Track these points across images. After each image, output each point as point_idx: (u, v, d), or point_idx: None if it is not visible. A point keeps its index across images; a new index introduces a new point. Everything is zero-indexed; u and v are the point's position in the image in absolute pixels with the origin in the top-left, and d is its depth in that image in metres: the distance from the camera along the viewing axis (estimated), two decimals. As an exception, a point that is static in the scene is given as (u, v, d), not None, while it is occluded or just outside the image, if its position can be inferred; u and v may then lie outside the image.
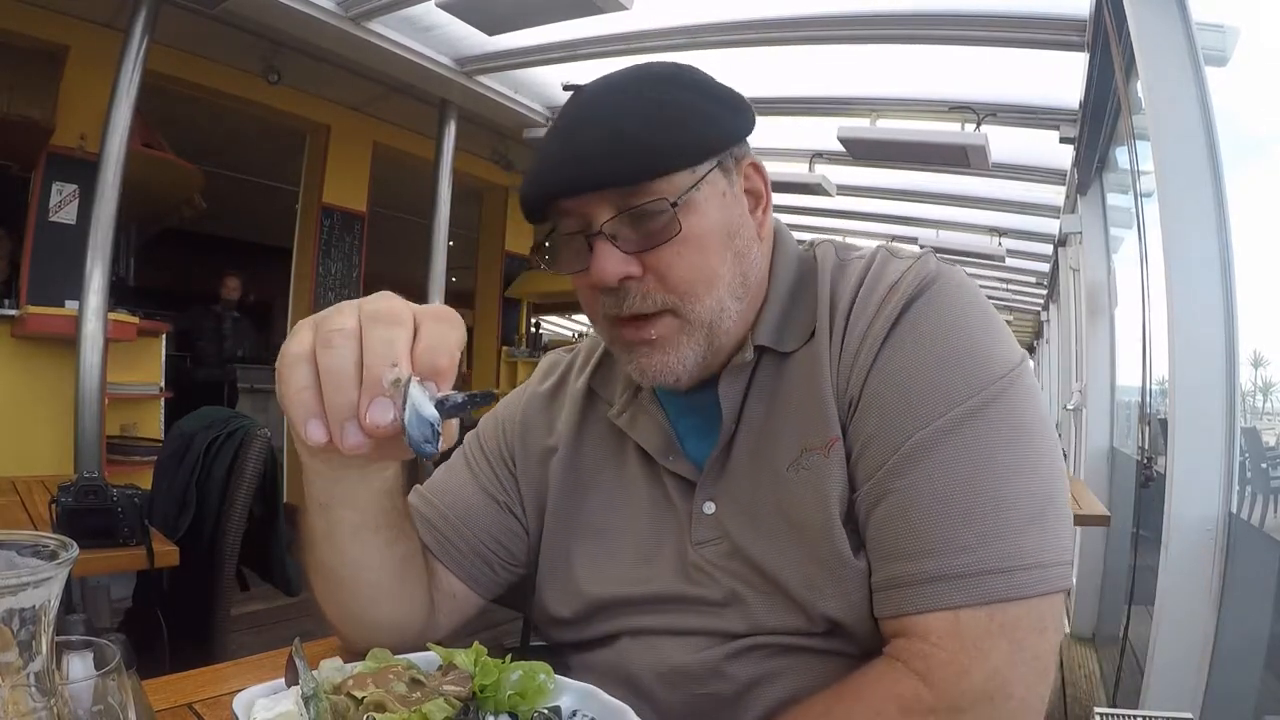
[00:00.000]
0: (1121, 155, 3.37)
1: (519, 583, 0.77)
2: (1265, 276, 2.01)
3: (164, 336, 3.98)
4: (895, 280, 0.61)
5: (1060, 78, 2.99)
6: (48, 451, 3.29)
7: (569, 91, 0.69)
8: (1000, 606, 0.52)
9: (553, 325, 11.14)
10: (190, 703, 0.60)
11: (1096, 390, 3.83)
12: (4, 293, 3.52)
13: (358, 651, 0.55)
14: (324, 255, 4.90)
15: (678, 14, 3.15)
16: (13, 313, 3.33)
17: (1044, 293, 7.12)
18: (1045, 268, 6.29)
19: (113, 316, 3.12)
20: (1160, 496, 1.78)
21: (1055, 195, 4.35)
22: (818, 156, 4.13)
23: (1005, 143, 3.45)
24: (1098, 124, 3.13)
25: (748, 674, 0.61)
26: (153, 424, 3.81)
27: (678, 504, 0.68)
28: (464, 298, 6.74)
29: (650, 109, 0.61)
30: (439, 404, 0.42)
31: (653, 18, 3.13)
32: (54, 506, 1.47)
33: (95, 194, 2.97)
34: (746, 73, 3.09)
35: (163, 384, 3.91)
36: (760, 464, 0.64)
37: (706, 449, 0.67)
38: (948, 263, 0.64)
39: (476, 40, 3.48)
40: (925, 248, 0.65)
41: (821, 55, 3.23)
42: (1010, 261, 5.98)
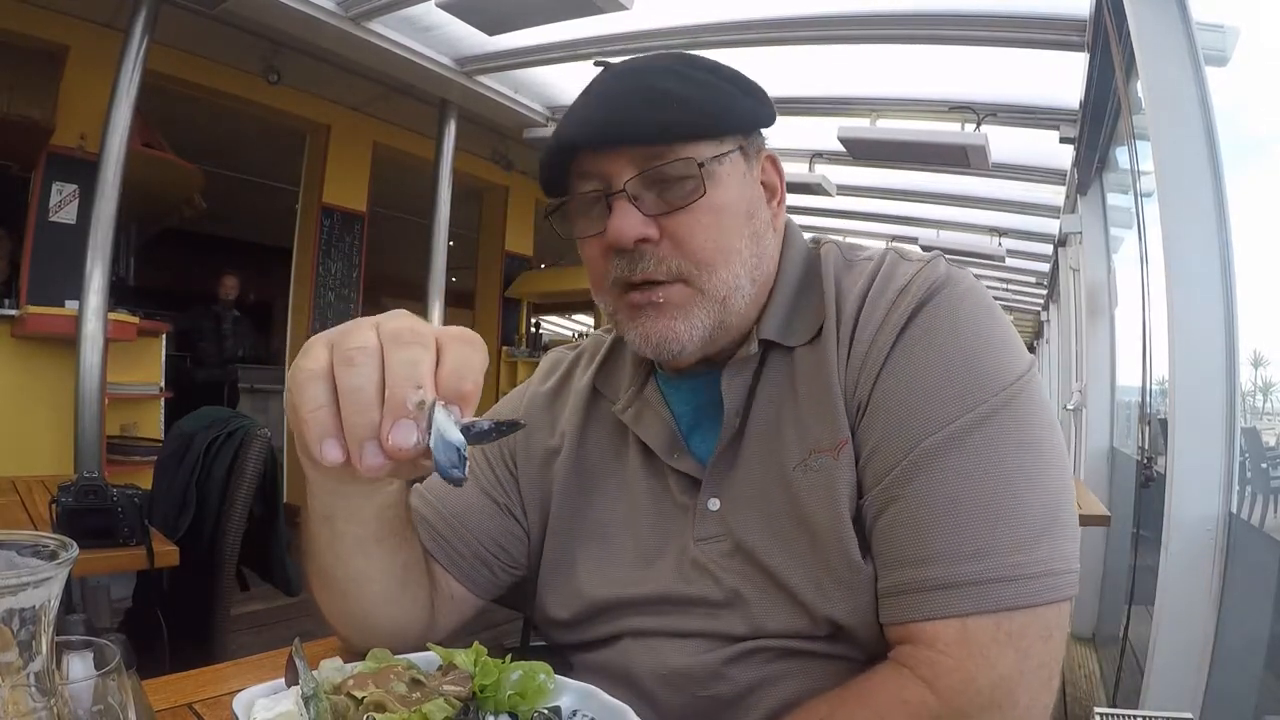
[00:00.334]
0: (1121, 155, 3.37)
1: (518, 583, 0.77)
2: (1265, 276, 2.01)
3: (164, 336, 3.98)
4: (904, 284, 0.60)
5: (1060, 78, 2.99)
6: (48, 451, 3.29)
7: (599, 67, 0.69)
8: (1007, 615, 0.51)
9: (553, 325, 11.13)
10: (190, 703, 0.60)
11: (1096, 390, 3.83)
12: (4, 293, 3.52)
13: (358, 652, 0.55)
14: (324, 255, 4.90)
15: (678, 14, 3.15)
16: (13, 313, 3.33)
17: (1044, 293, 7.12)
18: (1045, 268, 6.29)
19: (113, 316, 3.12)
20: (1160, 496, 1.77)
21: (1055, 195, 4.35)
22: (818, 156, 4.13)
23: (1005, 143, 3.44)
24: (1098, 124, 3.13)
25: (748, 677, 0.61)
26: (153, 424, 3.81)
27: (681, 501, 0.67)
28: (464, 298, 6.74)
29: (682, 80, 0.63)
30: (465, 430, 0.41)
31: (653, 18, 3.13)
32: (54, 506, 1.47)
33: (95, 194, 2.97)
34: (747, 72, 3.09)
35: (163, 384, 3.91)
36: (767, 462, 0.63)
37: (711, 445, 0.67)
38: (957, 265, 0.64)
39: (476, 40, 3.48)
40: (935, 251, 0.65)
41: (821, 55, 3.22)
42: (1010, 261, 5.97)
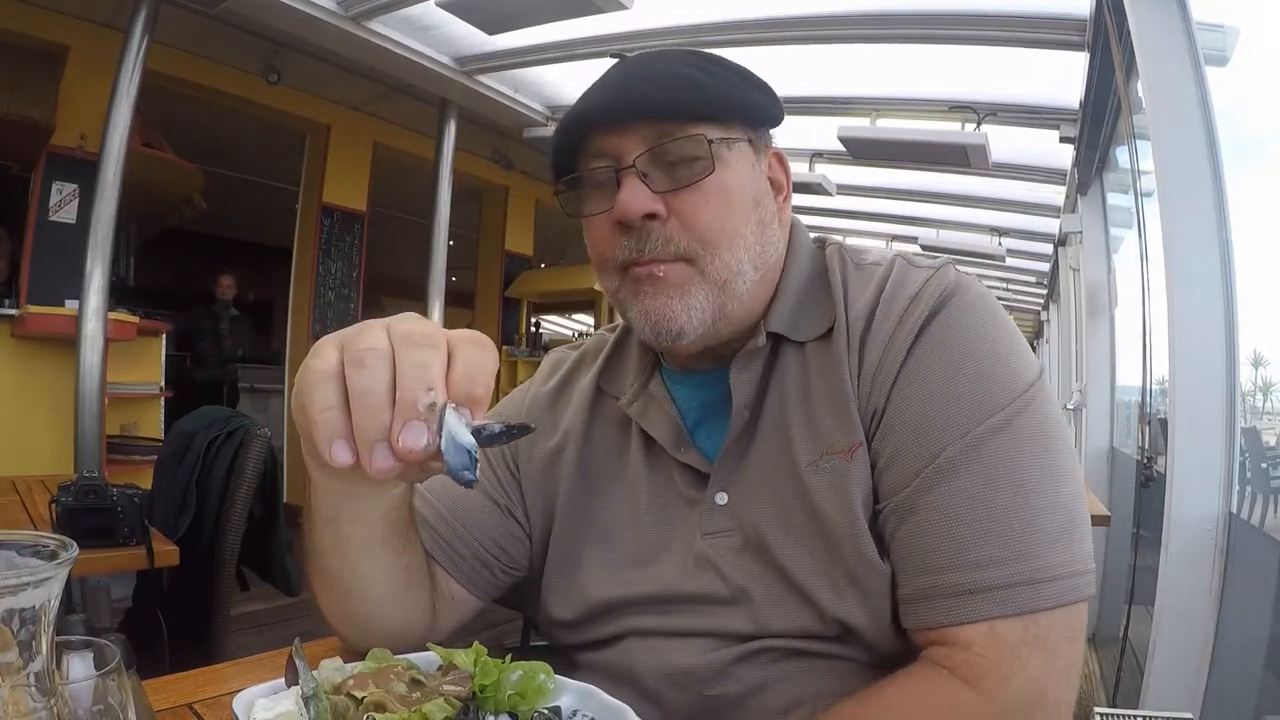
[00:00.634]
0: (1122, 155, 3.37)
1: (518, 585, 0.77)
2: (1265, 276, 2.01)
3: (164, 336, 3.98)
4: (915, 291, 0.61)
5: (1060, 77, 2.99)
6: (48, 451, 3.29)
7: (616, 59, 0.70)
8: (1034, 617, 0.52)
9: (553, 325, 11.13)
10: (190, 703, 0.60)
11: (1096, 390, 3.83)
12: (4, 293, 3.52)
13: (358, 652, 0.55)
14: (324, 255, 4.91)
15: (678, 14, 3.15)
16: (13, 313, 3.32)
17: (1044, 292, 7.12)
18: (1045, 267, 6.29)
19: (113, 316, 3.12)
20: (1160, 496, 1.77)
21: (1055, 195, 4.35)
22: (818, 156, 4.13)
23: (1005, 142, 3.44)
24: (1098, 124, 3.13)
25: (753, 677, 0.61)
26: (153, 424, 3.81)
27: (687, 495, 0.67)
28: (464, 298, 6.74)
29: (694, 68, 0.64)
30: (476, 432, 0.42)
31: (653, 18, 3.13)
32: (54, 506, 1.47)
33: (95, 194, 2.97)
34: (747, 72, 3.09)
35: (163, 384, 3.91)
36: (779, 458, 0.63)
37: (717, 439, 0.67)
38: (964, 272, 0.64)
39: (476, 40, 3.48)
40: (944, 258, 0.66)
41: (821, 55, 3.22)
42: (1010, 261, 5.98)
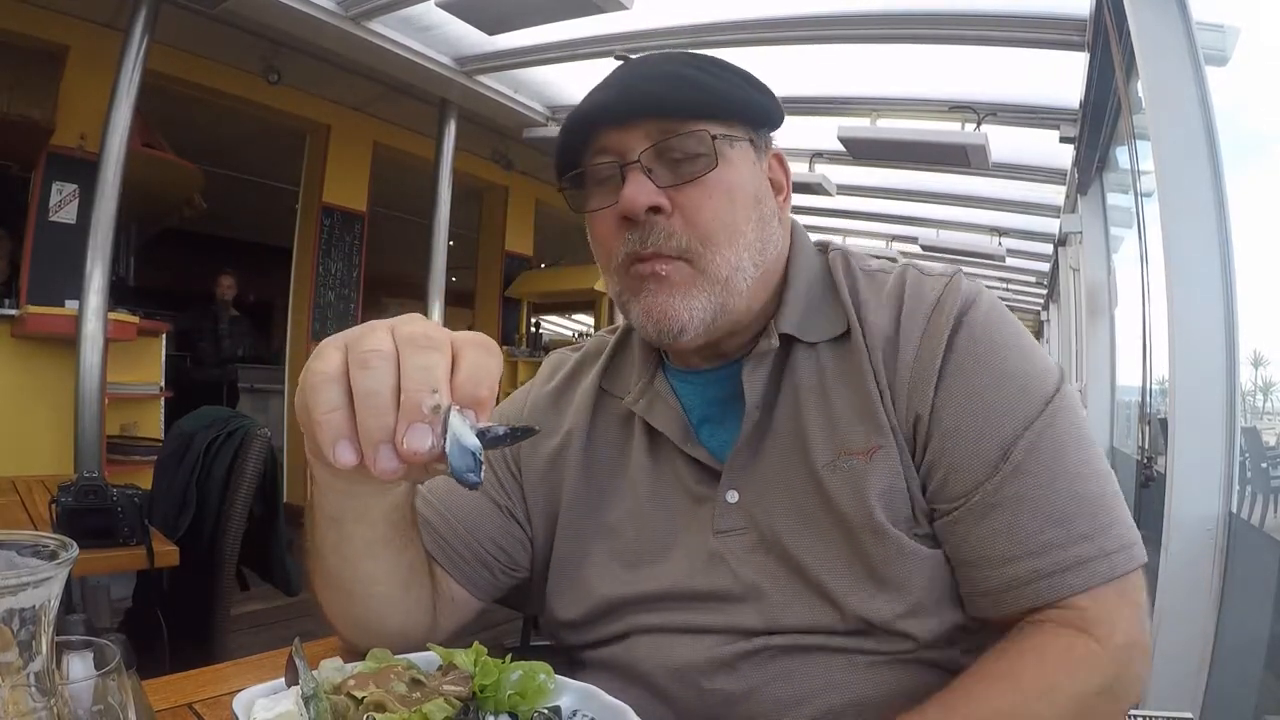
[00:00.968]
0: (1121, 155, 3.37)
1: (519, 586, 0.77)
2: (1265, 276, 2.01)
3: (164, 336, 3.98)
4: (936, 300, 0.64)
5: (1060, 77, 3.00)
6: (48, 451, 3.29)
7: (620, 60, 0.71)
8: (1120, 581, 0.58)
9: (553, 325, 11.13)
10: (190, 703, 0.60)
11: (1096, 390, 3.83)
12: (4, 293, 3.52)
13: (358, 652, 0.55)
14: (324, 255, 4.90)
15: (678, 14, 3.15)
16: (13, 313, 3.32)
17: (1044, 292, 7.13)
18: (1045, 267, 6.29)
19: (113, 316, 3.12)
20: (1160, 496, 1.77)
21: (1055, 195, 4.35)
22: (818, 156, 4.13)
23: (1005, 142, 3.45)
24: (1098, 124, 3.13)
25: (760, 672, 0.61)
26: (153, 424, 3.81)
27: (694, 492, 0.67)
28: (464, 298, 6.74)
29: (696, 69, 0.66)
30: (480, 435, 0.42)
31: (653, 18, 3.13)
32: (54, 506, 1.47)
33: (95, 194, 2.97)
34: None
35: (163, 384, 3.91)
36: (793, 457, 0.64)
37: (723, 437, 0.67)
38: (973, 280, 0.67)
39: (476, 40, 3.48)
40: (954, 267, 0.68)
41: (821, 55, 3.23)
42: (1010, 261, 5.98)
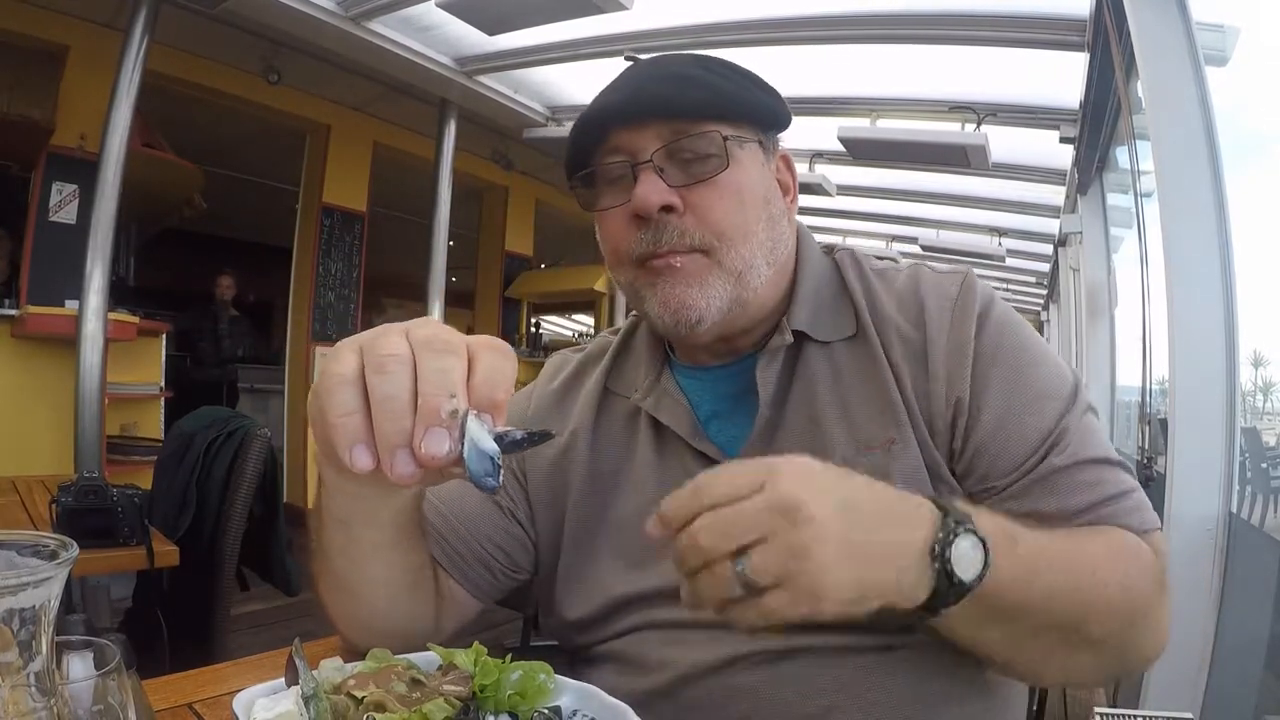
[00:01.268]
0: (1121, 155, 3.37)
1: (519, 587, 0.77)
2: (1265, 276, 2.01)
3: (164, 336, 3.98)
4: (957, 294, 0.66)
5: (1060, 78, 2.99)
6: (48, 451, 3.29)
7: (629, 62, 0.72)
8: (1150, 534, 0.62)
9: (553, 325, 11.13)
10: (190, 703, 0.60)
11: (1096, 390, 3.83)
12: (4, 293, 3.52)
13: (359, 652, 0.55)
14: (324, 255, 4.91)
15: (678, 14, 3.15)
16: (13, 313, 3.32)
17: (1044, 293, 7.13)
18: (1045, 268, 6.29)
19: (113, 316, 3.12)
20: (1160, 496, 1.77)
21: (1055, 195, 4.35)
22: (818, 156, 4.13)
23: (1005, 143, 3.45)
24: (1098, 124, 3.13)
25: (770, 670, 0.61)
26: (153, 424, 3.81)
27: None
28: (464, 298, 6.74)
29: (706, 70, 0.67)
30: (498, 439, 0.42)
31: (653, 18, 3.13)
32: (54, 506, 1.47)
33: (95, 194, 2.97)
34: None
35: (163, 384, 3.91)
36: (808, 452, 0.64)
37: (732, 432, 0.67)
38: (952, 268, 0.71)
39: (476, 40, 3.48)
40: (963, 267, 0.71)
41: (821, 55, 3.23)
42: (1010, 261, 5.98)
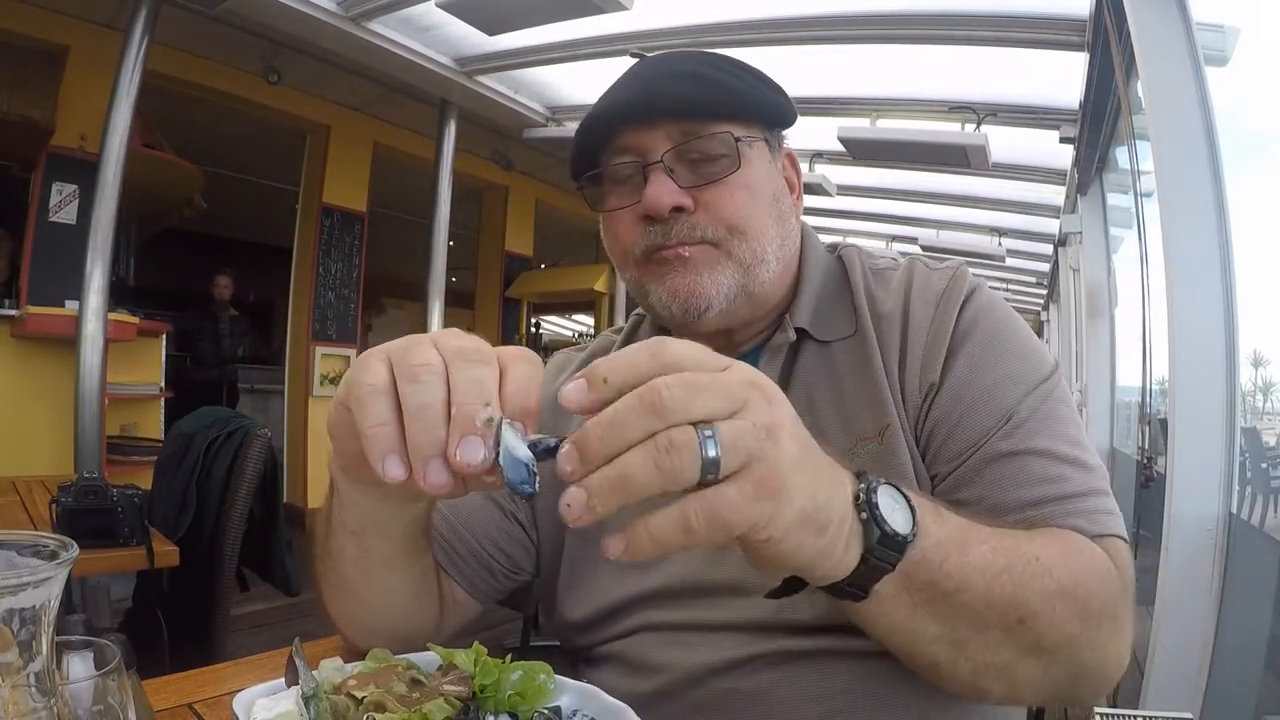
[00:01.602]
0: (1121, 155, 3.37)
1: (520, 588, 0.77)
2: (1265, 276, 2.01)
3: (164, 336, 3.98)
4: (945, 285, 0.67)
5: (1060, 78, 3.00)
6: (48, 451, 3.29)
7: (636, 58, 0.72)
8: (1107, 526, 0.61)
9: (553, 325, 11.13)
10: (190, 703, 0.60)
11: (1097, 390, 3.83)
12: (4, 293, 3.52)
13: (359, 652, 0.55)
14: (324, 255, 4.90)
15: (678, 14, 3.15)
16: (13, 313, 3.33)
17: (1044, 293, 7.13)
18: (1045, 268, 6.30)
19: (113, 316, 3.12)
20: (1160, 496, 1.77)
21: (1055, 195, 4.35)
22: (818, 156, 4.13)
23: (1005, 143, 3.45)
24: (1098, 124, 3.13)
25: (773, 671, 0.61)
26: (153, 424, 3.81)
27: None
28: (464, 298, 6.74)
29: (713, 69, 0.68)
30: (532, 446, 0.42)
31: (653, 18, 3.13)
32: (54, 506, 1.47)
33: (95, 194, 2.97)
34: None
35: (163, 384, 3.91)
36: None
37: None
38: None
39: (476, 40, 3.48)
40: (958, 260, 0.71)
41: (821, 55, 3.23)
42: (1010, 261, 5.98)
